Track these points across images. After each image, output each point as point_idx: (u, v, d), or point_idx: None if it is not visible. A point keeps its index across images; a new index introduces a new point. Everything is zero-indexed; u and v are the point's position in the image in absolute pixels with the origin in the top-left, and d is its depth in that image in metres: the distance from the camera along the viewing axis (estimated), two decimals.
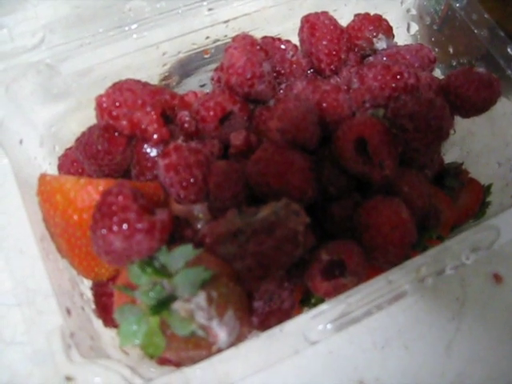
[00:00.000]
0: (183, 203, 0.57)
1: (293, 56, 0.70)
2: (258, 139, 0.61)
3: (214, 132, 0.61)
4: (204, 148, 0.59)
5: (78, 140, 0.63)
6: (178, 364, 0.49)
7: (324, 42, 0.68)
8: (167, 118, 0.61)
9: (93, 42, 0.65)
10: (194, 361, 0.46)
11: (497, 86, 0.63)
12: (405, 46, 0.74)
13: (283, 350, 0.46)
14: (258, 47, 0.63)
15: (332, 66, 0.69)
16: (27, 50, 0.63)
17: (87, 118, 0.62)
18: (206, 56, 0.75)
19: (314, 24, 0.69)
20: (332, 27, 0.69)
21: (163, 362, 0.51)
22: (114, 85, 0.59)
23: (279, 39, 0.71)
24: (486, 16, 0.69)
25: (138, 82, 0.61)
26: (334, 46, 0.69)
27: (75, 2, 0.66)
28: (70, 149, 0.67)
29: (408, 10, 0.82)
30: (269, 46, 0.68)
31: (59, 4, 0.65)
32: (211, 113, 0.60)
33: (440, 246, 0.53)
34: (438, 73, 0.78)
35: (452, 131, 0.63)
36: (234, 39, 0.64)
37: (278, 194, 0.53)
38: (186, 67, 0.75)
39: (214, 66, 0.71)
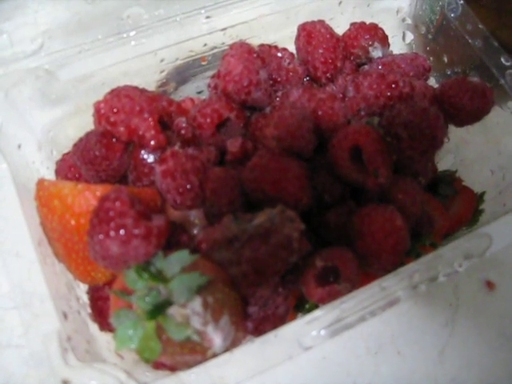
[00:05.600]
0: (179, 209, 0.58)
1: (289, 64, 0.71)
2: (254, 146, 0.62)
3: (210, 139, 0.61)
4: (201, 154, 0.59)
5: (76, 145, 0.63)
6: (173, 368, 0.49)
7: (320, 51, 0.69)
8: (164, 124, 0.62)
9: (91, 48, 0.65)
10: (189, 365, 0.46)
11: (490, 96, 0.64)
12: (400, 54, 0.75)
13: (277, 355, 0.46)
14: (255, 55, 0.64)
15: (328, 74, 0.70)
16: (26, 55, 0.63)
17: (85, 123, 0.62)
18: (203, 63, 0.76)
19: (310, 32, 0.70)
20: (328, 36, 0.70)
21: (158, 366, 0.51)
22: (112, 91, 0.59)
23: (276, 47, 0.71)
24: (480, 26, 0.70)
25: (136, 88, 0.61)
26: (330, 54, 0.69)
27: (74, 9, 0.66)
28: (67, 154, 0.67)
29: (403, 20, 0.83)
30: (265, 54, 0.69)
31: (59, 11, 0.66)
32: (208, 119, 0.60)
33: (433, 253, 0.54)
34: (432, 81, 0.79)
35: (446, 139, 0.64)
36: (231, 47, 0.65)
37: (273, 200, 0.53)
38: (183, 74, 0.76)
39: (211, 73, 0.72)
